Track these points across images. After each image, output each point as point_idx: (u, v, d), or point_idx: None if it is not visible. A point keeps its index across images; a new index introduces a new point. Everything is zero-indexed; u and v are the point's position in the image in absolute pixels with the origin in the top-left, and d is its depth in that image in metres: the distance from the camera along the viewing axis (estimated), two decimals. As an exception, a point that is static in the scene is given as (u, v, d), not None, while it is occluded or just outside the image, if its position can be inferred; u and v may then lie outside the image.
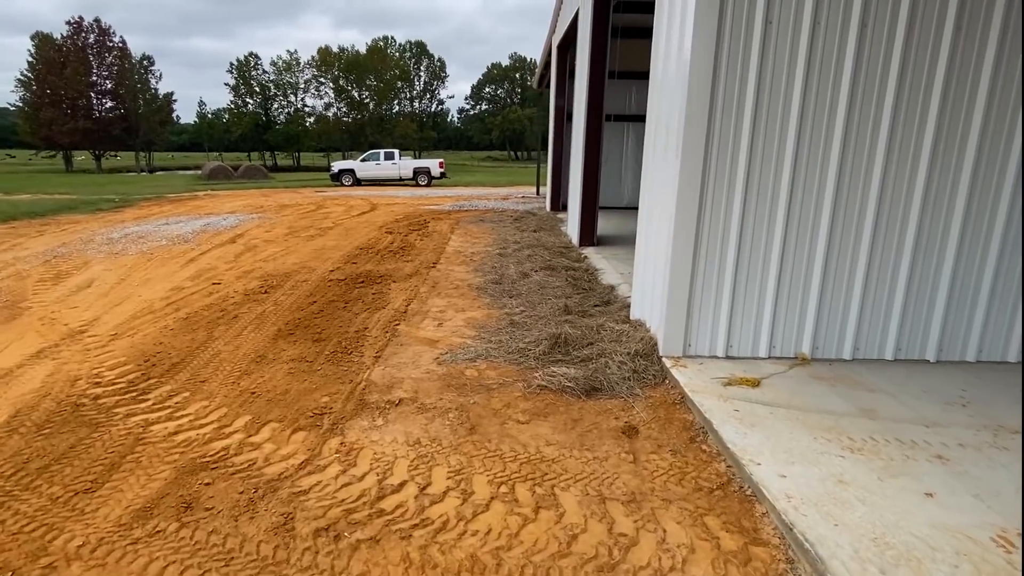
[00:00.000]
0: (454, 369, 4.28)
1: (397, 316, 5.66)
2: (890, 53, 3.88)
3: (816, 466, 2.89)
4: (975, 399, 3.70)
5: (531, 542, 2.43)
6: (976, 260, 4.22)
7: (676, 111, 4.16)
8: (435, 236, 10.66)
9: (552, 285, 6.70)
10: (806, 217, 4.14)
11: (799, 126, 3.99)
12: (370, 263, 8.18)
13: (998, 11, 3.81)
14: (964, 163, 4.05)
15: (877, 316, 4.33)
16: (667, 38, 4.50)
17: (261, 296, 6.44)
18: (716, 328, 4.34)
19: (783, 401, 3.63)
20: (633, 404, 3.74)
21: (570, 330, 4.76)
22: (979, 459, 2.97)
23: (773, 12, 3.82)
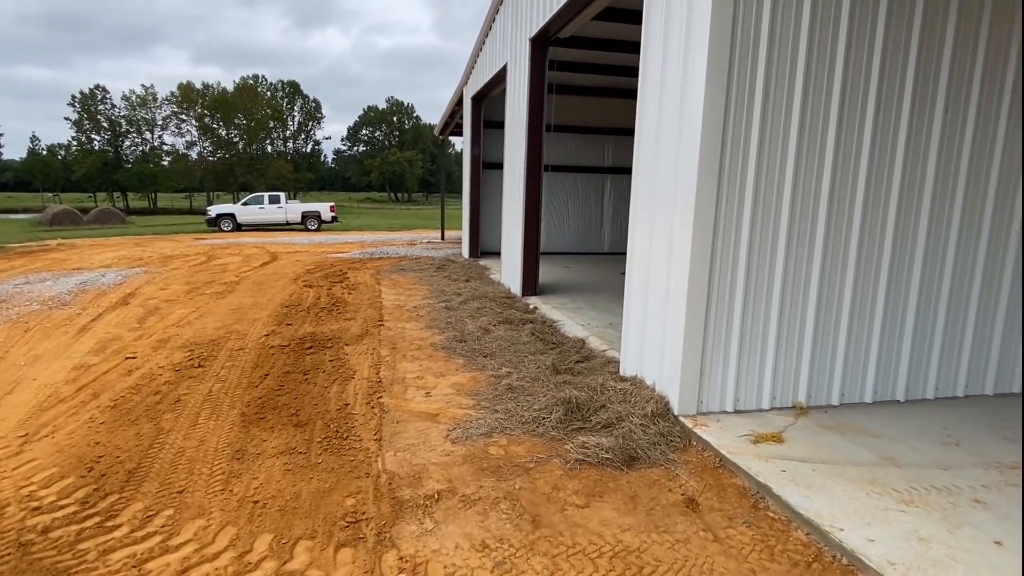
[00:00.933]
0: (474, 448, 3.93)
1: (373, 386, 5.14)
2: (863, 129, 4.31)
3: (890, 525, 2.97)
4: (962, 438, 4.07)
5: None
6: (930, 313, 4.74)
7: (682, 177, 4.27)
8: (362, 289, 10.04)
9: (520, 341, 6.52)
10: (799, 275, 4.41)
11: (792, 195, 4.26)
12: (307, 324, 7.45)
13: (942, 89, 4.41)
14: (919, 227, 4.57)
15: (857, 363, 4.68)
16: (660, 104, 4.65)
17: (195, 371, 5.56)
18: (725, 384, 4.43)
19: (814, 456, 3.74)
20: (676, 472, 3.65)
21: (577, 393, 4.60)
22: (1006, 499, 3.24)
23: (770, 86, 4.10)
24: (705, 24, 3.95)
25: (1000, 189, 4.69)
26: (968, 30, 4.36)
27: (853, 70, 4.20)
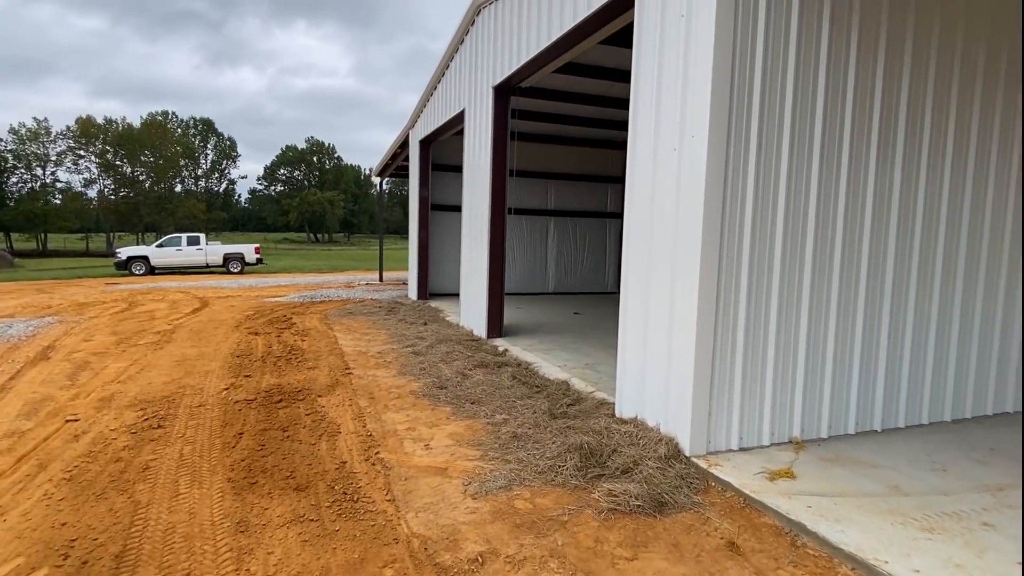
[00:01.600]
0: (499, 503, 3.75)
1: (365, 441, 4.83)
2: (838, 183, 4.69)
3: (925, 554, 3.11)
4: (946, 464, 4.38)
5: None
6: (897, 352, 5.13)
7: (683, 232, 4.44)
8: (315, 335, 9.54)
9: (503, 385, 6.41)
10: (790, 319, 4.65)
11: (783, 244, 4.53)
12: (267, 375, 6.95)
13: (900, 142, 4.90)
14: (886, 276, 4.99)
15: (840, 397, 4.95)
16: (654, 160, 4.84)
17: (156, 432, 5.00)
18: (730, 424, 4.53)
19: (829, 489, 3.88)
20: (706, 515, 3.65)
21: (586, 438, 4.55)
22: (1009, 521, 3.49)
23: (763, 139, 4.39)
24: (706, 88, 4.19)
25: (948, 240, 5.23)
26: (933, 88, 4.92)
27: (829, 125, 4.59)
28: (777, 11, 4.30)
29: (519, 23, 7.71)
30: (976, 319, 5.47)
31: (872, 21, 4.63)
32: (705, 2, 4.20)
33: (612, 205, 16.70)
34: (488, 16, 8.93)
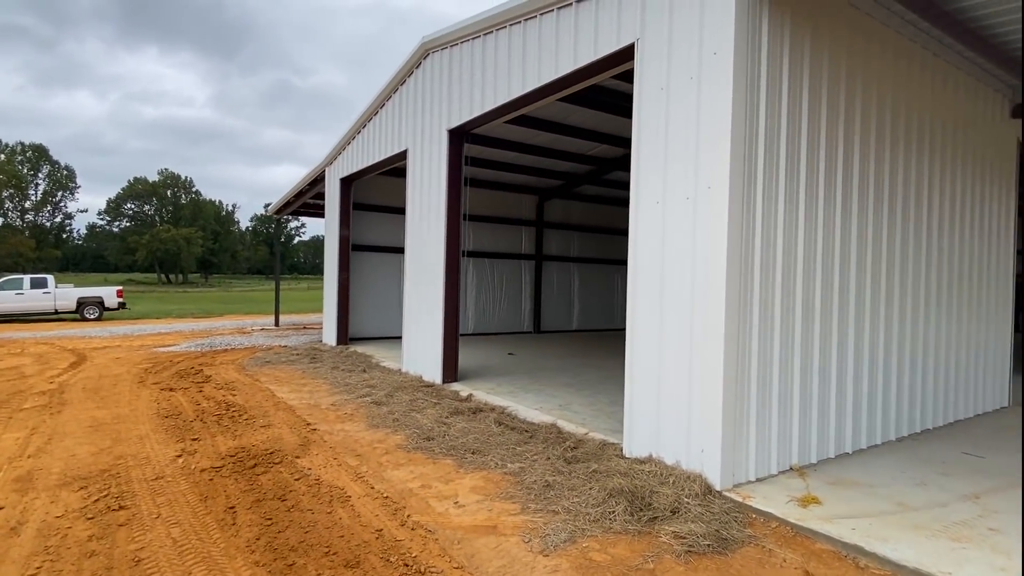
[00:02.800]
0: (574, 557, 3.61)
1: (385, 503, 4.42)
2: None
3: (971, 563, 3.50)
4: (921, 479, 4.98)
5: None
6: (863, 383, 5.81)
7: (704, 272, 4.72)
8: (244, 389, 8.58)
9: (491, 432, 6.22)
10: (786, 353, 5.09)
11: (782, 287, 5.00)
12: (218, 436, 6.11)
13: (853, 207, 5.67)
14: (848, 320, 5.68)
15: (824, 424, 5.46)
16: (664, 206, 5.13)
17: (120, 514, 4.17)
18: (748, 457, 4.80)
19: (854, 511, 4.23)
20: (767, 546, 3.81)
21: (620, 481, 4.56)
22: (1007, 523, 4.05)
23: (767, 189, 4.86)
24: (725, 143, 4.58)
25: (902, 284, 6.09)
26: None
27: (808, 177, 5.20)
28: (771, 78, 4.84)
29: (482, 74, 7.83)
30: (920, 352, 6.38)
31: (835, 88, 5.38)
32: (720, 68, 4.62)
33: (526, 247, 17.15)
34: (439, 61, 8.97)
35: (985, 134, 7.53)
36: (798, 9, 5.00)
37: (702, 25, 4.78)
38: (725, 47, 4.58)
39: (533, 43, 6.82)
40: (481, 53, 7.87)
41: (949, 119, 6.80)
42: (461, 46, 8.37)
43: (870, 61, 5.70)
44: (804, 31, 5.07)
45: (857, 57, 5.56)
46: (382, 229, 14.90)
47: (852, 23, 5.50)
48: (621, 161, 14.18)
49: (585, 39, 6.02)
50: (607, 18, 5.74)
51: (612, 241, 18.86)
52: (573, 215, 17.92)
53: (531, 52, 6.85)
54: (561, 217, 17.68)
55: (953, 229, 7.00)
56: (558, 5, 6.38)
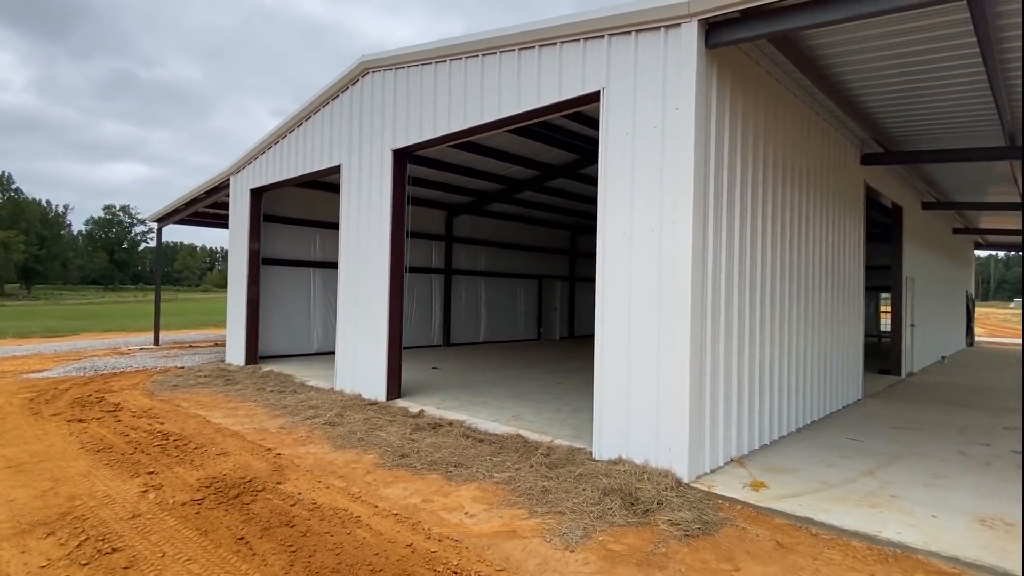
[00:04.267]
0: (597, 550, 4.10)
1: (398, 519, 4.59)
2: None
3: (891, 522, 4.52)
4: (828, 461, 6.14)
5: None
6: (777, 387, 6.97)
7: (670, 293, 5.49)
8: (169, 416, 7.98)
9: (463, 445, 6.53)
10: (730, 361, 6.03)
11: (725, 302, 5.93)
12: (176, 468, 5.77)
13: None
14: (766, 336, 6.81)
15: (753, 422, 6.49)
16: (631, 237, 5.84)
17: (117, 557, 3.94)
18: (704, 453, 5.62)
19: (795, 490, 5.19)
20: (739, 525, 4.58)
21: (608, 481, 5.14)
22: (901, 490, 5.21)
23: (720, 212, 5.75)
24: (688, 182, 5.39)
25: (811, 303, 7.35)
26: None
27: (751, 211, 6.22)
28: (719, 131, 5.76)
29: (434, 100, 8.11)
30: (809, 356, 7.72)
31: (756, 139, 6.49)
32: (682, 122, 5.43)
33: (436, 261, 17.38)
34: (381, 81, 9.08)
35: (845, 176, 9.29)
36: (735, 76, 6.00)
37: (665, 83, 5.57)
38: (687, 104, 5.40)
39: (492, 77, 7.27)
40: (433, 80, 8.15)
41: (823, 162, 8.35)
42: (408, 70, 8.57)
43: (775, 117, 6.92)
44: (738, 93, 6.09)
45: (768, 114, 6.73)
46: (291, 242, 14.34)
47: (766, 87, 6.66)
48: (531, 182, 15.00)
49: (549, 80, 6.61)
50: (571, 64, 6.37)
51: (517, 256, 19.69)
52: (481, 231, 18.47)
53: (489, 86, 7.30)
54: (470, 232, 18.15)
55: (825, 253, 8.55)
56: (519, 46, 6.90)
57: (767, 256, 6.75)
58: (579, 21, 6.16)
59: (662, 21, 5.51)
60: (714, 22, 5.35)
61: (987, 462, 6.25)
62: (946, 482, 5.51)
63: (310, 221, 14.62)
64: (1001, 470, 5.96)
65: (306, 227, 14.57)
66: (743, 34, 5.24)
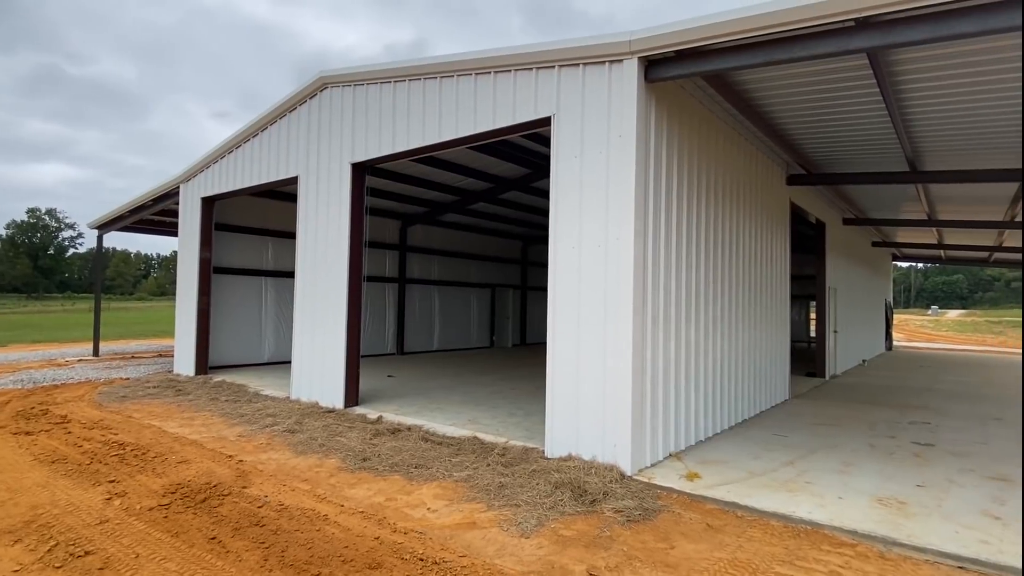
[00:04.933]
0: (550, 536, 4.53)
1: (364, 516, 4.89)
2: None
3: (803, 503, 5.16)
4: (755, 453, 6.82)
5: None
6: (711, 391, 7.64)
7: (615, 303, 6.02)
8: (122, 427, 7.93)
9: (423, 448, 6.86)
10: (668, 364, 6.62)
11: (664, 309, 6.53)
12: (141, 476, 5.86)
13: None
14: (697, 344, 7.48)
15: (689, 421, 7.11)
16: (580, 250, 6.36)
17: (91, 560, 4.10)
18: (645, 449, 6.17)
19: (723, 480, 5.80)
20: (675, 511, 5.13)
21: (559, 476, 5.60)
22: (814, 477, 5.90)
23: (659, 229, 6.34)
24: (629, 202, 5.95)
25: (746, 312, 8.06)
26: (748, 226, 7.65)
27: (687, 229, 6.85)
28: (657, 155, 6.37)
29: (393, 117, 8.45)
30: (741, 359, 8.44)
31: (690, 161, 7.16)
32: (625, 148, 6.00)
33: (390, 270, 17.55)
34: (340, 96, 9.34)
35: (772, 195, 10.18)
36: (671, 106, 6.64)
37: (609, 112, 6.14)
38: (629, 132, 5.98)
39: (450, 99, 7.68)
40: (392, 97, 8.49)
41: (752, 183, 9.16)
42: (367, 87, 8.88)
43: (709, 143, 7.63)
44: (674, 121, 6.73)
45: (703, 140, 7.43)
46: (243, 251, 14.25)
47: (700, 116, 7.36)
48: (485, 194, 15.46)
49: (504, 104, 7.08)
50: (525, 90, 6.86)
51: (470, 265, 20.07)
52: (435, 240, 18.77)
53: (448, 107, 7.71)
54: (423, 242, 18.42)
55: (756, 265, 9.37)
56: (476, 71, 7.36)
57: (702, 268, 7.42)
58: (531, 52, 6.67)
59: (606, 56, 6.08)
60: (652, 60, 5.97)
61: (891, 452, 7.08)
62: (854, 469, 6.25)
63: (262, 230, 14.58)
64: (901, 459, 6.78)
65: (258, 236, 14.52)
66: (678, 72, 5.86)
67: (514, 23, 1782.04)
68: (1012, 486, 5.79)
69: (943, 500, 5.34)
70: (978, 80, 6.38)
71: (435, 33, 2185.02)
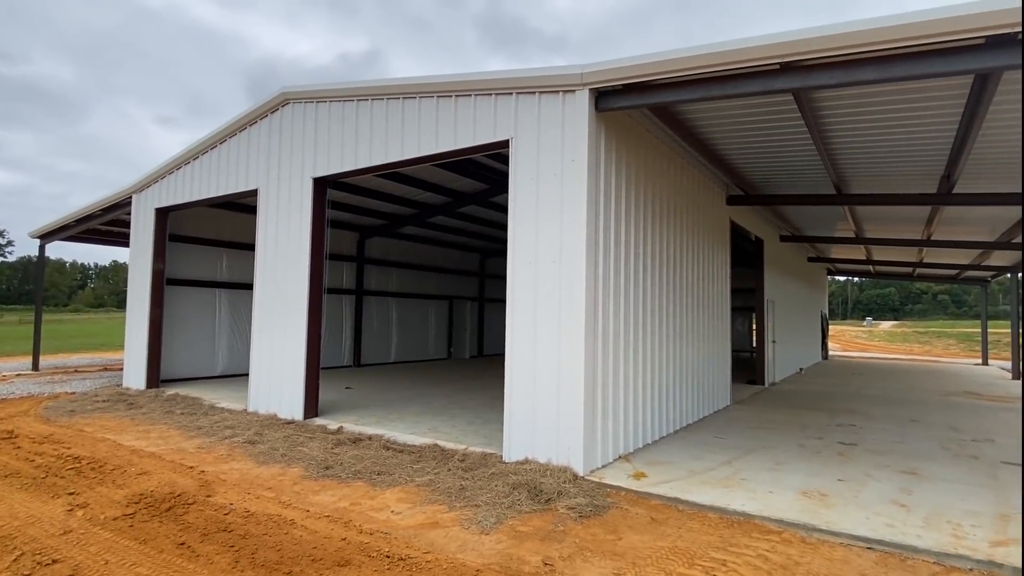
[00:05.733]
0: (508, 532, 4.87)
1: (331, 520, 5.10)
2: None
3: (736, 498, 5.68)
4: (698, 455, 7.35)
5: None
6: (658, 399, 8.16)
7: (568, 317, 6.46)
8: (75, 440, 7.81)
9: (385, 456, 7.08)
10: (617, 373, 7.10)
11: (614, 321, 7.01)
12: (101, 488, 5.87)
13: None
14: (649, 338, 8.01)
15: (638, 426, 7.59)
16: (536, 266, 6.78)
17: (61, 568, 4.18)
18: (596, 452, 6.60)
19: (667, 478, 6.28)
20: (623, 507, 5.55)
21: (516, 478, 5.95)
22: (748, 475, 6.45)
23: (608, 245, 6.83)
24: (581, 223, 6.41)
25: (690, 326, 8.63)
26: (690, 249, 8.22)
27: (636, 247, 7.37)
28: (607, 178, 6.88)
29: (356, 133, 8.71)
30: (686, 368, 9.02)
31: (637, 183, 7.72)
32: (577, 172, 6.47)
33: (347, 282, 17.59)
34: (302, 112, 9.53)
35: (714, 214, 10.91)
36: (620, 133, 7.18)
37: (563, 138, 6.61)
38: (581, 157, 6.46)
39: (413, 119, 8.02)
40: (355, 115, 8.75)
41: (695, 203, 9.84)
42: (330, 104, 9.11)
43: (655, 167, 8.22)
44: (622, 146, 7.27)
45: (649, 164, 8.01)
46: (196, 262, 14.08)
47: (647, 142, 7.94)
48: (444, 208, 15.78)
49: (464, 126, 7.46)
50: (484, 114, 7.27)
51: (428, 277, 20.27)
52: (393, 253, 18.92)
53: (410, 127, 8.04)
54: (382, 254, 18.54)
55: (699, 280, 10.03)
56: (438, 94, 7.73)
57: (650, 283, 7.97)
58: (491, 79, 7.09)
59: (560, 87, 6.56)
60: (602, 91, 6.48)
61: (818, 451, 7.74)
62: (784, 467, 6.84)
63: (217, 241, 14.44)
64: (827, 457, 7.44)
65: (213, 247, 14.38)
66: (625, 103, 6.40)
67: (469, 38, 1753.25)
68: (920, 479, 6.49)
69: (859, 492, 5.96)
70: (888, 116, 7.18)
71: (390, 43, 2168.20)
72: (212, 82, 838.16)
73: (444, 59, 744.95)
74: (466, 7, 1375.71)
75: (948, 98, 6.43)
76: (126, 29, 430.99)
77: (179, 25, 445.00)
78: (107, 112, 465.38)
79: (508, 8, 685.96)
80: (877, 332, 68.39)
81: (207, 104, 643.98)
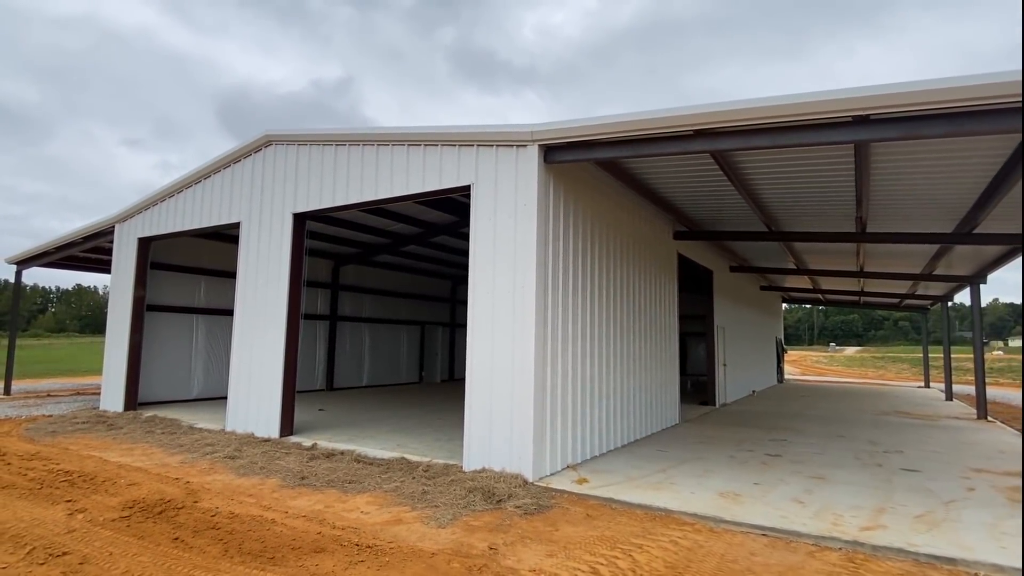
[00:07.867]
0: (461, 527, 5.66)
1: (307, 519, 5.82)
2: (581, 313, 8.45)
3: (663, 499, 6.57)
4: (637, 464, 8.25)
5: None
6: (608, 415, 9.07)
7: (520, 340, 7.36)
8: (68, 458, 8.34)
9: (355, 468, 7.80)
10: (566, 389, 8.00)
11: (562, 344, 7.93)
12: (96, 496, 6.48)
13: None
14: (598, 361, 8.95)
15: (587, 438, 8.47)
16: (494, 295, 7.69)
17: (69, 560, 4.84)
18: (544, 461, 7.45)
19: (605, 483, 7.15)
20: (565, 506, 6.40)
21: (473, 483, 6.76)
22: (678, 479, 7.36)
23: (557, 279, 7.78)
24: (532, 258, 7.37)
25: (639, 348, 9.60)
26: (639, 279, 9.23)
27: (584, 280, 8.34)
28: (556, 219, 7.88)
29: (333, 174, 9.60)
30: (635, 388, 9.97)
31: (586, 223, 8.74)
32: (528, 214, 7.45)
33: (322, 308, 18.24)
34: (284, 153, 10.39)
35: (662, 249, 12.02)
36: (567, 181, 8.22)
37: (517, 185, 7.60)
38: (531, 202, 7.45)
39: (386, 163, 8.96)
40: (333, 157, 9.65)
41: (642, 239, 10.92)
42: (311, 147, 10.00)
43: (602, 208, 9.28)
44: (570, 190, 8.30)
45: (596, 206, 9.06)
46: (175, 289, 14.64)
47: (594, 187, 9.00)
48: (416, 238, 16.67)
49: (431, 172, 8.42)
50: (449, 161, 8.25)
51: (401, 304, 21.01)
52: (367, 280, 19.67)
53: (383, 171, 8.97)
54: (356, 281, 19.27)
55: (649, 308, 11.06)
56: (408, 143, 8.69)
57: (598, 312, 8.94)
58: (455, 132, 8.09)
59: (514, 141, 7.58)
60: (550, 147, 7.52)
61: (745, 461, 8.71)
62: (711, 474, 7.78)
63: (196, 268, 15.04)
64: (752, 466, 8.40)
65: (191, 274, 14.97)
66: (570, 157, 7.44)
67: (441, 69, 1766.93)
68: (824, 482, 7.48)
69: (769, 493, 6.92)
70: (799, 169, 8.37)
71: (363, 71, 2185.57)
72: (182, 105, 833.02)
73: (417, 88, 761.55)
74: (437, 38, 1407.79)
75: (839, 158, 7.64)
76: (95, 52, 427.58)
77: (149, 51, 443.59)
78: (73, 133, 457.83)
79: (478, 40, 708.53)
80: (838, 357, 70.90)
81: (176, 127, 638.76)
